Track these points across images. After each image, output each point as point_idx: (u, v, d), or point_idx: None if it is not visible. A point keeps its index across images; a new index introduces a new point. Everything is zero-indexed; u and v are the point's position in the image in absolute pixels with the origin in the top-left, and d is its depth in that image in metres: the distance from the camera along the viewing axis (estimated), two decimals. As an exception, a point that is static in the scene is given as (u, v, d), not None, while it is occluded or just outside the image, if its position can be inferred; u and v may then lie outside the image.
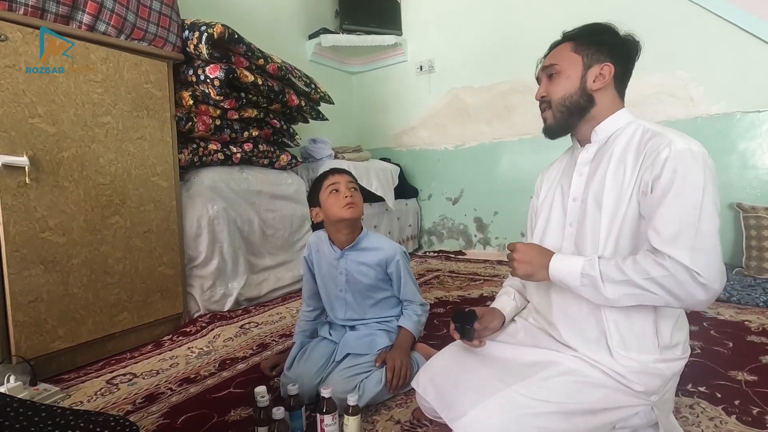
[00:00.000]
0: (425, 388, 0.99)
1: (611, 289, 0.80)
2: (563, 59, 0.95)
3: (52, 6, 1.43)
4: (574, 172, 0.97)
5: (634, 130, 0.91)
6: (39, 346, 1.42)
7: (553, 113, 0.96)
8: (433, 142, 3.68)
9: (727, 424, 1.04)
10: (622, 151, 0.89)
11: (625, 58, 0.94)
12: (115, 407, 1.24)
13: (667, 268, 0.76)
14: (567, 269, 0.85)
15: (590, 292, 0.83)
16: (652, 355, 0.85)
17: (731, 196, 2.48)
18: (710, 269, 0.74)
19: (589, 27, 0.96)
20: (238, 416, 1.16)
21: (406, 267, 1.35)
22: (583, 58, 0.93)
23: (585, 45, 0.94)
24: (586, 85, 0.93)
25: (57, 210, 1.47)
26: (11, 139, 1.35)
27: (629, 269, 0.79)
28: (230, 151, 2.17)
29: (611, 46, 0.93)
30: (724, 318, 1.79)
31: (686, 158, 0.79)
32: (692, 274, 0.74)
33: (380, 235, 1.41)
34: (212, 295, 2.04)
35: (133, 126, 1.69)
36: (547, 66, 0.97)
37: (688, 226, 0.76)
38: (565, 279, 0.86)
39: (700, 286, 0.74)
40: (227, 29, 1.90)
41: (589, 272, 0.82)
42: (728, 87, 2.48)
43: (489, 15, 3.26)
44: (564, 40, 0.97)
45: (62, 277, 1.48)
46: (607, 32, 0.95)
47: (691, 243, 0.75)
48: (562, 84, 0.94)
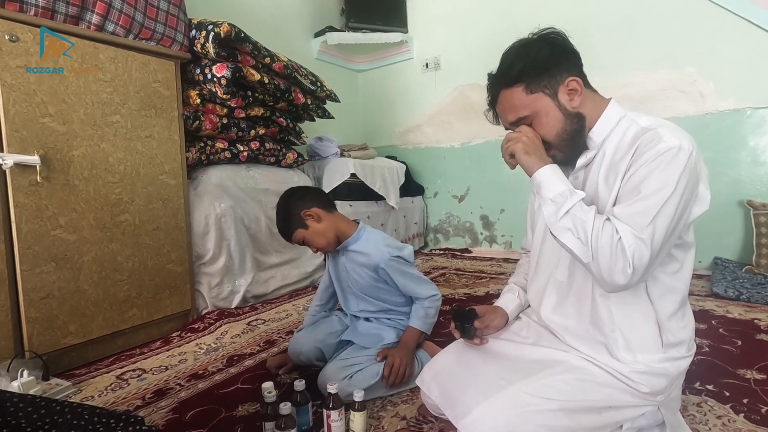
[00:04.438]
0: (429, 385, 0.99)
1: (564, 221, 0.78)
2: (526, 107, 0.87)
3: (61, 7, 1.45)
4: (570, 175, 0.94)
5: (626, 127, 0.87)
6: (51, 341, 1.45)
7: (560, 149, 0.90)
8: (439, 140, 3.68)
9: (735, 422, 1.04)
10: (613, 153, 0.86)
11: (574, 59, 0.89)
12: (126, 402, 1.26)
13: (614, 244, 0.73)
14: (550, 181, 0.82)
15: (549, 209, 0.80)
16: (657, 355, 0.85)
17: (741, 193, 2.45)
18: (643, 265, 0.73)
19: (519, 61, 0.87)
20: (245, 411, 1.17)
21: (399, 270, 1.31)
22: (543, 90, 0.86)
23: (535, 81, 0.86)
24: (567, 110, 0.87)
25: (68, 208, 1.49)
26: (23, 138, 1.37)
27: (591, 219, 0.76)
28: (237, 150, 2.18)
29: (553, 61, 0.86)
30: (733, 316, 1.78)
31: (671, 154, 0.76)
32: (627, 262, 0.73)
33: (375, 237, 1.35)
34: (220, 292, 2.06)
35: (141, 125, 1.71)
36: (515, 121, 0.90)
37: (643, 218, 0.74)
38: (542, 186, 0.83)
39: (623, 274, 0.73)
40: (234, 28, 1.91)
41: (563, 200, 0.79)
42: (738, 82, 2.45)
43: (495, 11, 3.25)
44: (506, 86, 0.89)
45: (73, 274, 1.50)
46: (538, 52, 0.86)
47: (639, 233, 0.73)
48: (547, 124, 0.88)
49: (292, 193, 1.32)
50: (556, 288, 0.96)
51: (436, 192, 3.74)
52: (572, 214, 0.78)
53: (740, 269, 2.30)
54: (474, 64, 3.37)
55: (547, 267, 0.99)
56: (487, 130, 3.38)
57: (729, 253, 2.50)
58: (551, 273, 0.98)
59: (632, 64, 2.66)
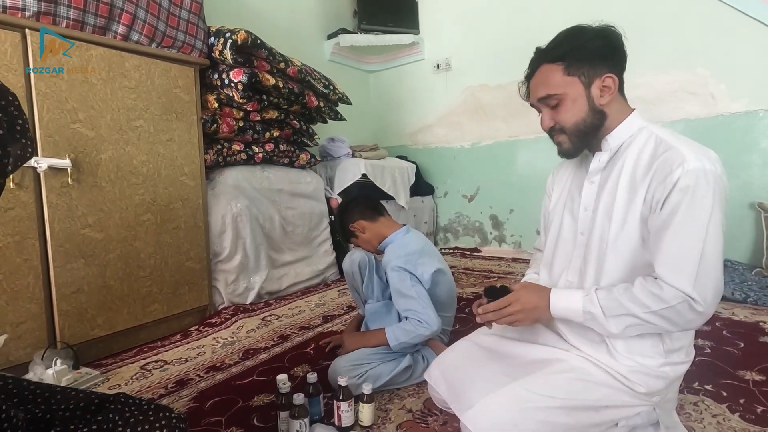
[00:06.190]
0: (437, 380, 1.05)
1: (614, 324, 0.83)
2: (559, 86, 0.89)
3: (90, 18, 1.54)
4: (586, 179, 0.96)
5: (646, 138, 0.88)
6: (81, 333, 1.54)
7: (569, 138, 0.92)
8: (449, 140, 3.72)
9: (729, 421, 1.07)
10: (634, 164, 0.87)
11: (619, 60, 0.90)
12: (150, 391, 1.34)
13: (666, 300, 0.78)
14: (568, 307, 0.88)
15: (595, 325, 0.86)
16: (658, 360, 0.87)
17: (752, 195, 2.44)
18: (709, 294, 0.77)
19: (569, 41, 0.89)
20: (261, 402, 1.25)
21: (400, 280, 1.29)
22: (580, 77, 0.88)
23: (576, 65, 0.87)
24: (594, 104, 0.88)
25: (96, 208, 1.58)
26: (55, 143, 1.47)
27: (629, 302, 0.81)
28: (252, 151, 2.26)
29: (601, 54, 0.88)
30: (738, 318, 1.79)
31: (698, 179, 0.77)
32: (690, 304, 0.77)
33: (403, 243, 1.40)
34: (236, 288, 2.14)
35: (163, 129, 1.79)
36: (544, 97, 0.91)
37: (692, 252, 0.77)
38: (569, 316, 0.88)
39: (697, 314, 0.78)
40: (250, 35, 1.98)
41: (590, 309, 0.84)
42: (751, 84, 2.43)
43: (506, 13, 3.26)
44: (548, 61, 0.90)
45: (100, 270, 1.60)
46: (590, 41, 0.87)
47: (693, 269, 0.76)
48: (570, 110, 0.89)
49: (342, 208, 1.55)
50: (567, 287, 0.98)
51: (446, 192, 3.78)
52: (613, 317, 0.83)
53: (749, 272, 2.30)
54: (485, 65, 3.39)
55: (560, 265, 1.02)
56: (497, 131, 3.41)
57: (739, 256, 2.49)
58: (562, 272, 1.00)
59: (643, 65, 2.66)
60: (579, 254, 0.96)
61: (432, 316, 1.24)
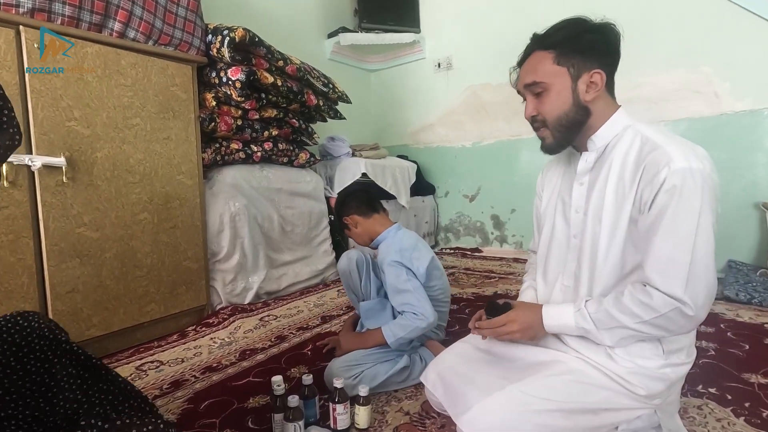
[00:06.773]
0: (434, 383, 1.03)
1: (608, 336, 0.84)
2: (547, 74, 0.87)
3: (86, 15, 1.52)
4: (575, 181, 0.95)
5: (632, 138, 0.87)
6: (76, 333, 1.53)
7: (552, 133, 0.91)
8: (450, 140, 3.69)
9: (734, 425, 1.05)
10: (621, 165, 0.86)
11: (612, 58, 0.88)
12: (145, 392, 1.32)
13: (656, 309, 0.78)
14: (561, 324, 0.89)
15: (590, 338, 0.87)
16: (657, 362, 0.86)
17: (757, 195, 2.40)
18: (700, 298, 0.76)
19: (565, 31, 0.87)
20: (256, 403, 1.23)
21: (396, 275, 1.29)
22: (569, 69, 0.86)
23: (568, 55, 0.86)
24: (579, 99, 0.87)
25: (91, 207, 1.57)
26: (50, 141, 1.45)
27: (620, 314, 0.81)
28: (251, 150, 2.24)
29: (595, 49, 0.86)
30: (743, 320, 1.76)
31: (685, 179, 0.76)
32: (681, 310, 0.76)
33: (396, 240, 1.40)
34: (233, 288, 2.13)
35: (160, 127, 1.78)
36: (530, 84, 0.90)
37: (681, 255, 0.76)
38: (563, 332, 0.90)
39: (688, 320, 0.77)
40: (248, 33, 1.96)
41: (582, 325, 0.86)
42: (756, 82, 2.40)
43: (507, 12, 3.24)
44: (540, 48, 0.89)
45: (96, 270, 1.58)
46: (586, 33, 0.86)
47: (683, 273, 0.76)
48: (554, 101, 0.88)
49: (340, 200, 1.56)
50: (563, 291, 0.98)
51: (447, 191, 3.76)
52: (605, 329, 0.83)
53: (754, 272, 2.26)
54: (486, 64, 3.37)
55: (555, 269, 1.01)
56: (498, 131, 3.38)
57: (743, 256, 2.46)
58: (558, 276, 1.00)
59: (646, 63, 2.63)
60: (573, 257, 0.95)
61: (428, 308, 1.25)
